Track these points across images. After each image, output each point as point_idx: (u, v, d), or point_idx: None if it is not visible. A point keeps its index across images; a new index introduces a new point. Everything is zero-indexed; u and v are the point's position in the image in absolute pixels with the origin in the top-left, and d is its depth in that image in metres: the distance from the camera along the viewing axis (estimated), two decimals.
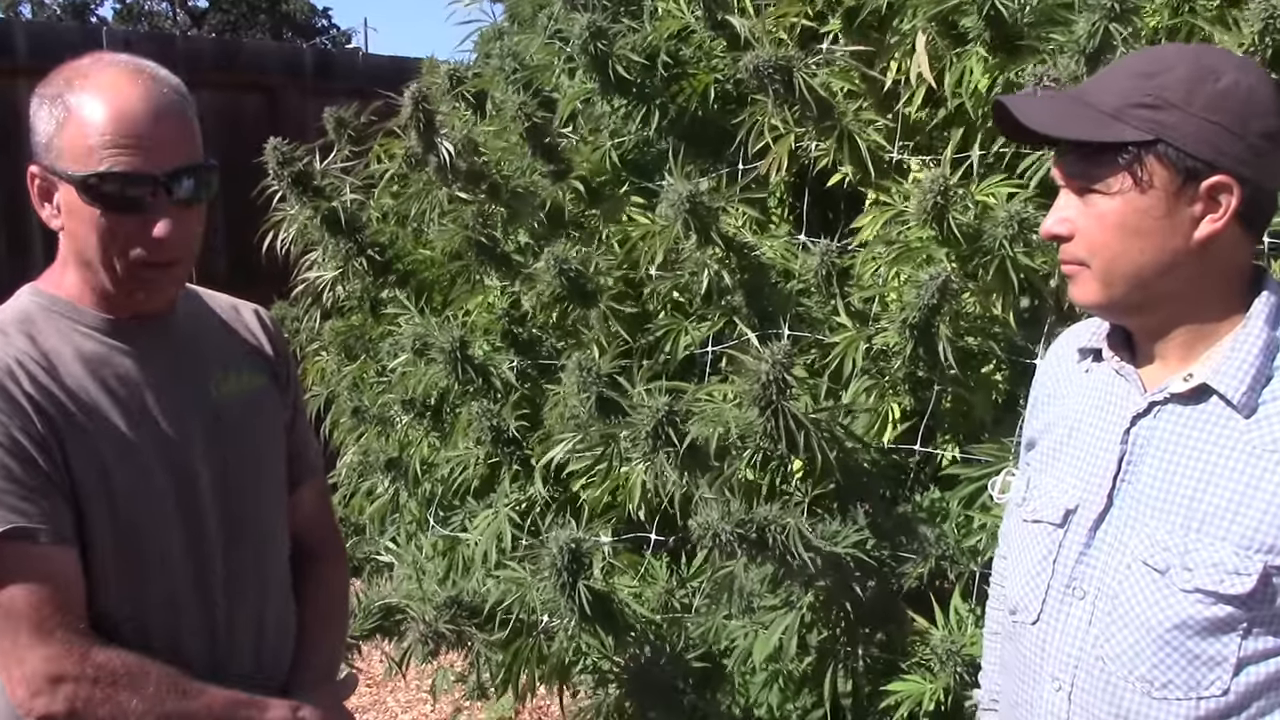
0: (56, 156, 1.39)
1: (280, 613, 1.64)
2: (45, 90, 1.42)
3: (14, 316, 1.44)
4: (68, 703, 1.36)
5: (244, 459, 1.56)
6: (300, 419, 1.75)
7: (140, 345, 1.48)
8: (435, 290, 3.29)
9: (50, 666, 1.36)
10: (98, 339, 1.45)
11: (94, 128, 1.36)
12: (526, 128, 2.90)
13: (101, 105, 1.37)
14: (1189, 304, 1.24)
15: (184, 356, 1.53)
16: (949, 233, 2.28)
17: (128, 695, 1.39)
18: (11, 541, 1.34)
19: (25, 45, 5.53)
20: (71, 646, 1.37)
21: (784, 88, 2.43)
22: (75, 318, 1.45)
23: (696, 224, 2.45)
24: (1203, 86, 1.18)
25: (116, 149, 1.36)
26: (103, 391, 1.43)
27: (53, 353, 1.42)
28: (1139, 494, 1.26)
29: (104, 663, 1.38)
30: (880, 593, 2.35)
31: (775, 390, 2.16)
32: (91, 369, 1.43)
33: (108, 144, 1.36)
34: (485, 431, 2.78)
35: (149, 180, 1.37)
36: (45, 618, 1.36)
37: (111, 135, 1.36)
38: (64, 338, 1.44)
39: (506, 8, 3.59)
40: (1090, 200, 1.24)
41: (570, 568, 2.25)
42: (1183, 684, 1.21)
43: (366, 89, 3.85)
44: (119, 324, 1.47)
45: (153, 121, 1.37)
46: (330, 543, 1.80)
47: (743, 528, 2.06)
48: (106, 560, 1.42)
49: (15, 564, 1.35)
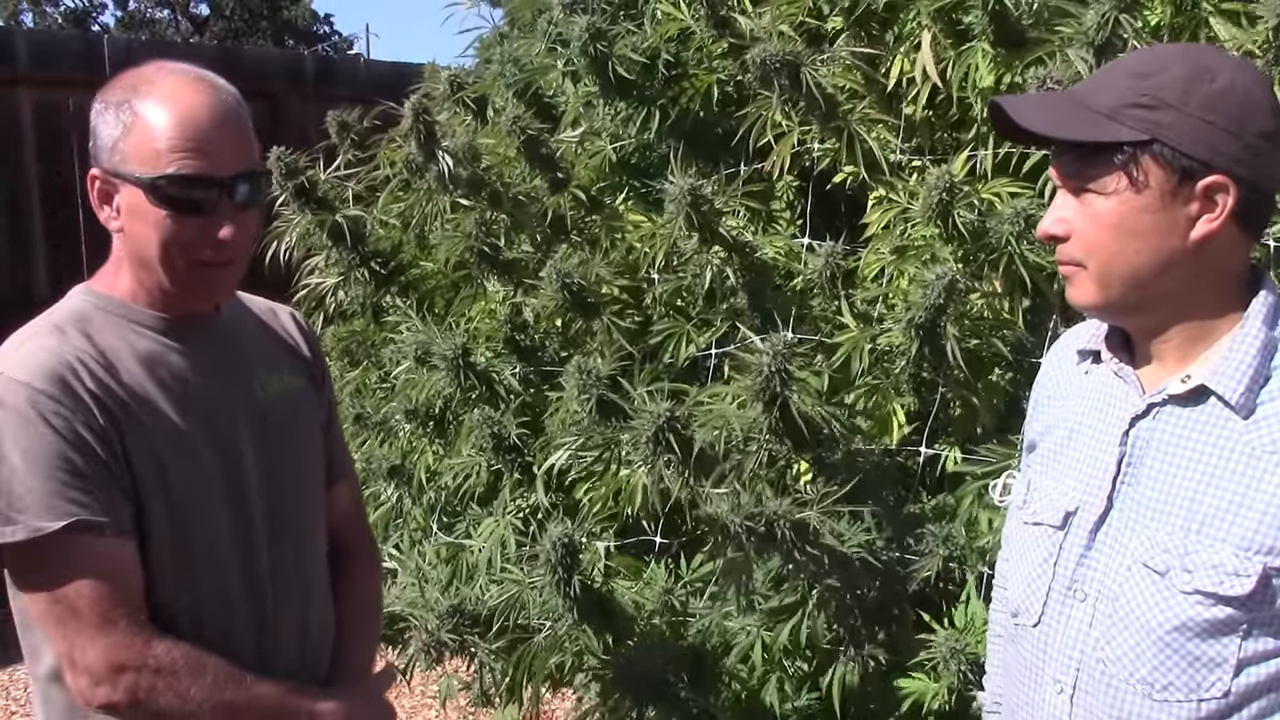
0: (121, 160, 1.43)
1: (321, 610, 1.68)
2: (109, 97, 1.46)
3: (70, 316, 1.48)
4: (129, 692, 1.40)
5: (286, 458, 1.60)
6: (334, 421, 1.80)
7: (191, 344, 1.52)
8: (437, 297, 3.29)
9: (112, 656, 1.39)
10: (151, 337, 1.49)
11: (161, 132, 1.41)
12: (523, 140, 2.90)
13: (167, 111, 1.41)
14: (1186, 304, 1.24)
15: (229, 356, 1.57)
16: (953, 230, 2.27)
17: (187, 685, 1.42)
18: (75, 534, 1.37)
19: (26, 53, 5.54)
20: (133, 637, 1.40)
21: (790, 83, 2.43)
22: (130, 317, 1.49)
23: (699, 221, 2.45)
24: (1199, 86, 1.18)
25: (183, 153, 1.40)
26: (158, 388, 1.46)
27: (109, 350, 1.45)
28: (1138, 496, 1.26)
29: (164, 653, 1.42)
30: (886, 592, 2.34)
31: (779, 382, 2.15)
32: (147, 366, 1.47)
33: (175, 148, 1.40)
34: (487, 439, 2.77)
35: (214, 183, 1.42)
36: (108, 609, 1.39)
37: (179, 140, 1.41)
38: (119, 336, 1.47)
39: (506, 13, 3.59)
40: (1087, 200, 1.23)
41: (565, 563, 2.24)
42: (1183, 685, 1.20)
43: (368, 96, 3.85)
44: (171, 323, 1.51)
45: (217, 127, 1.43)
46: (363, 542, 1.85)
47: (753, 520, 2.06)
48: (163, 552, 1.45)
49: (79, 556, 1.38)
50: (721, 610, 2.47)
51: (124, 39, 9.48)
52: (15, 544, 1.37)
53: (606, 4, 3.00)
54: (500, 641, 2.49)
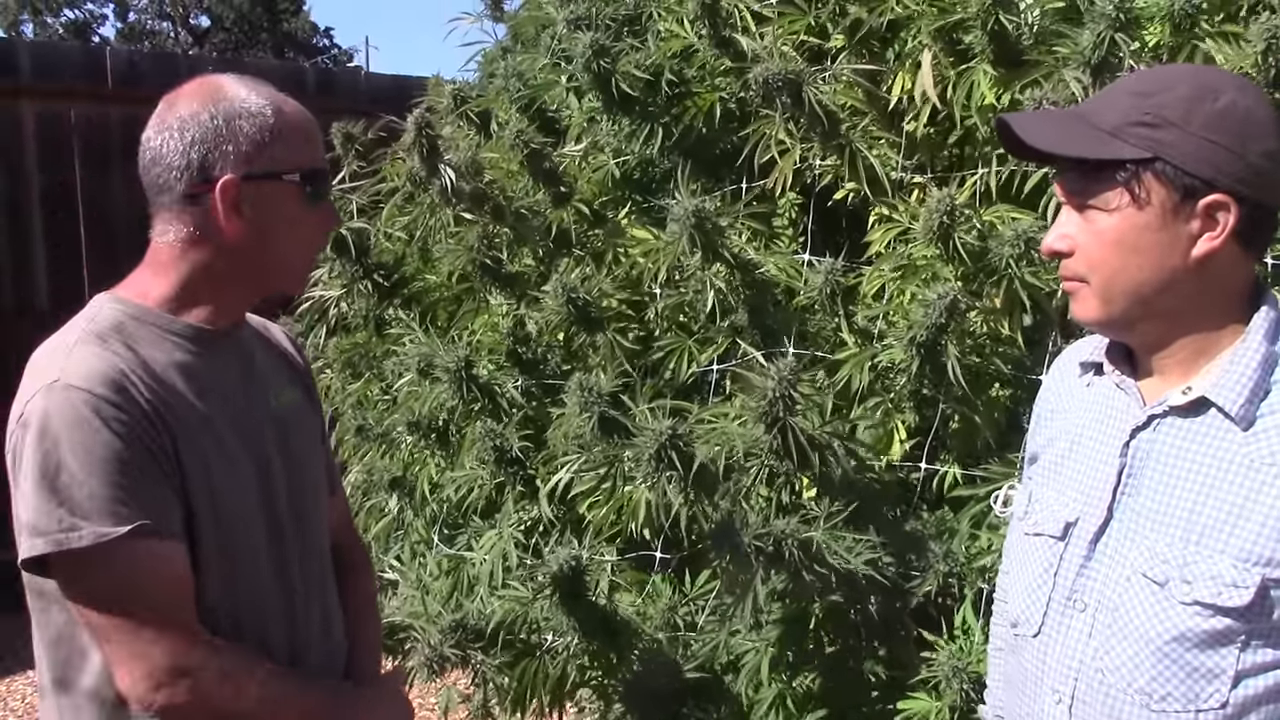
0: (270, 161, 1.47)
1: (337, 613, 1.71)
2: (226, 106, 1.46)
3: (108, 326, 1.47)
4: (190, 694, 1.41)
5: (302, 470, 1.63)
6: (326, 432, 1.84)
7: (221, 355, 1.54)
8: (440, 309, 3.30)
9: (174, 659, 1.41)
10: (186, 347, 1.50)
11: (305, 134, 1.50)
12: (526, 155, 2.91)
13: (300, 119, 1.51)
14: (1188, 320, 1.26)
15: (252, 366, 1.60)
16: (954, 251, 2.29)
17: (243, 684, 1.45)
18: (138, 539, 1.38)
19: (29, 64, 5.56)
20: (192, 639, 1.43)
21: (792, 101, 2.44)
22: (164, 326, 1.50)
23: (702, 240, 2.46)
24: (1201, 106, 1.19)
25: (315, 147, 1.53)
26: (198, 396, 1.48)
27: (150, 359, 1.46)
28: (1138, 507, 1.27)
29: (221, 654, 1.44)
30: (887, 609, 2.34)
31: (782, 407, 2.17)
32: (186, 375, 1.48)
33: (314, 145, 1.52)
34: (489, 451, 2.78)
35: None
36: (168, 613, 1.41)
37: (306, 136, 1.51)
38: (157, 345, 1.48)
39: (510, 28, 3.60)
40: (1090, 217, 1.25)
41: (571, 584, 2.25)
42: (1181, 696, 1.21)
43: (369, 108, 3.86)
44: (202, 333, 1.52)
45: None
46: (356, 550, 1.89)
47: (760, 540, 2.07)
48: (210, 557, 1.47)
49: (141, 561, 1.39)
50: (728, 628, 2.47)
51: (126, 51, 9.49)
52: (78, 550, 1.36)
53: (610, 21, 3.02)
54: (503, 656, 2.49)
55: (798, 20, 2.82)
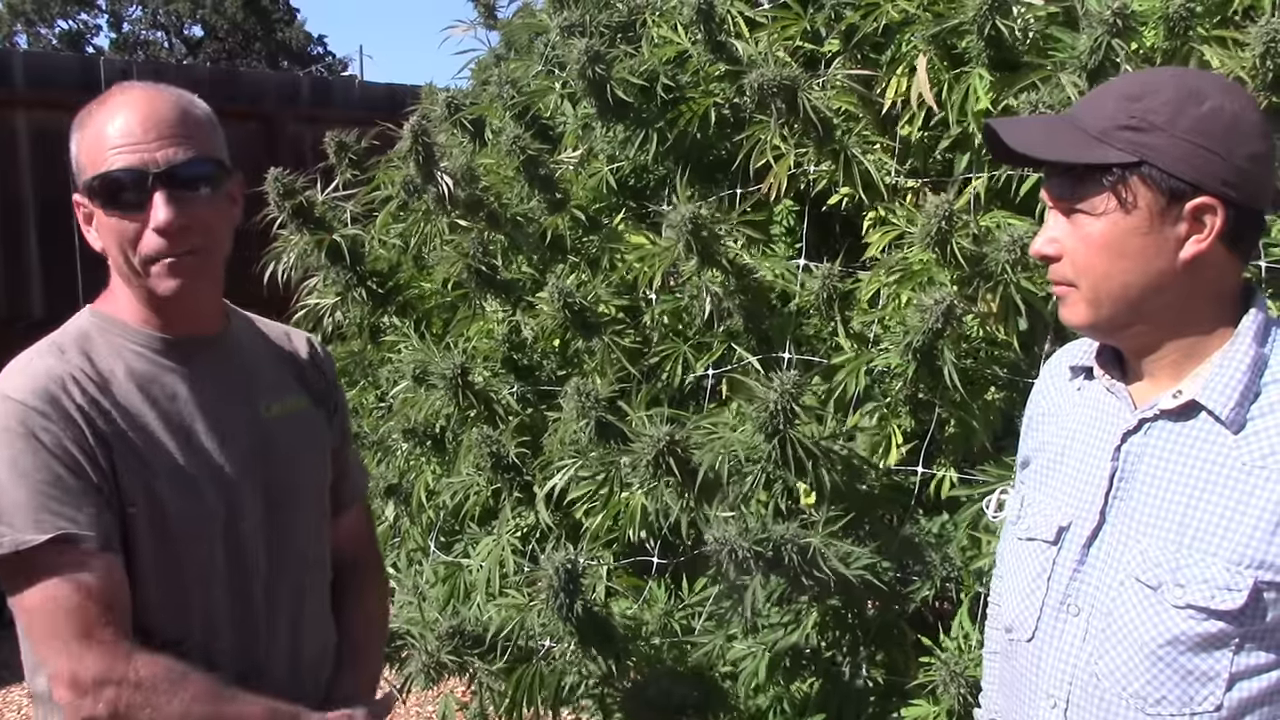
0: (80, 175, 1.46)
1: (316, 636, 1.67)
2: (77, 122, 1.49)
3: (74, 335, 1.50)
4: (109, 706, 1.40)
5: (287, 482, 1.60)
6: (347, 444, 1.81)
7: (191, 365, 1.52)
8: (435, 317, 3.30)
9: (95, 670, 1.39)
10: (149, 357, 1.50)
11: (102, 137, 1.44)
12: (522, 160, 2.91)
13: (109, 118, 1.45)
14: (1178, 323, 1.25)
15: (234, 377, 1.58)
16: (950, 256, 2.29)
17: (166, 700, 1.42)
18: (59, 546, 1.38)
19: (23, 75, 5.56)
20: (116, 651, 1.40)
21: (787, 106, 2.45)
22: (128, 337, 1.50)
23: (698, 246, 2.46)
24: (1187, 109, 1.19)
25: (118, 149, 1.43)
26: (151, 408, 1.47)
27: (106, 370, 1.47)
28: (1131, 511, 1.27)
29: (146, 667, 1.42)
30: (885, 614, 2.34)
31: (783, 419, 2.17)
32: (141, 386, 1.48)
33: (111, 147, 1.43)
34: (485, 458, 2.77)
35: (143, 175, 1.43)
36: (91, 623, 1.40)
37: (115, 139, 1.43)
38: (118, 356, 1.48)
39: (503, 35, 3.61)
40: (1077, 221, 1.25)
41: (567, 589, 2.25)
42: (1176, 700, 1.21)
43: (363, 117, 3.87)
44: (171, 343, 1.51)
45: (151, 123, 1.44)
46: (372, 560, 1.86)
47: (760, 545, 2.07)
48: (149, 572, 1.45)
49: (63, 570, 1.39)
50: (725, 633, 2.47)
51: (120, 61, 9.50)
52: (2, 557, 1.38)
53: (604, 28, 3.02)
54: (500, 663, 2.48)
55: (792, 25, 2.83)
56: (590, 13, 3.04)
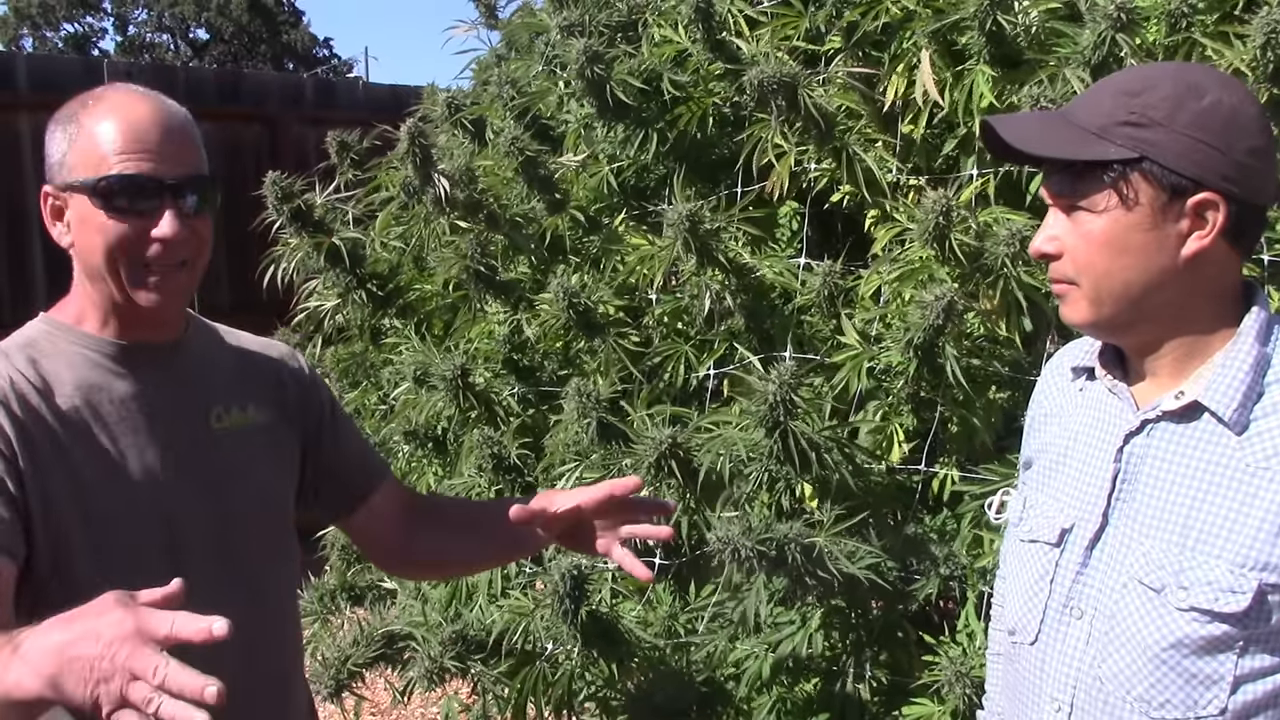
0: (69, 171, 1.45)
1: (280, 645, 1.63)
2: (59, 116, 1.48)
3: (20, 341, 1.49)
4: None
5: (239, 493, 1.56)
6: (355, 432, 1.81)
7: (143, 372, 1.50)
8: (435, 318, 3.30)
9: None
10: (98, 363, 1.48)
11: (106, 138, 1.43)
12: (521, 162, 2.91)
13: (113, 120, 1.44)
14: (1179, 321, 1.24)
15: (187, 386, 1.55)
16: (950, 252, 2.28)
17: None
18: None
19: (27, 78, 5.58)
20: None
21: (788, 104, 2.44)
22: (80, 342, 1.49)
23: (697, 245, 2.45)
24: (1187, 104, 1.18)
25: (127, 155, 1.42)
26: (94, 416, 1.45)
27: (51, 375, 1.45)
28: (1134, 512, 1.26)
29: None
30: (889, 613, 2.33)
31: (782, 411, 2.16)
32: (85, 393, 1.46)
33: (119, 151, 1.42)
34: (487, 459, 2.77)
35: (158, 184, 1.43)
36: None
37: (123, 143, 1.42)
38: (65, 362, 1.46)
39: (504, 35, 3.61)
40: (1078, 218, 1.24)
41: (572, 594, 2.24)
42: (1180, 703, 1.20)
43: (367, 118, 3.87)
44: (124, 349, 1.49)
45: (161, 133, 1.44)
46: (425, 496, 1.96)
47: (764, 544, 2.06)
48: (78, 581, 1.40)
49: None
50: (726, 634, 2.46)
51: (124, 63, 9.51)
52: None
53: (604, 27, 3.02)
54: (503, 666, 2.48)
55: (792, 23, 2.82)
56: (590, 12, 3.04)
